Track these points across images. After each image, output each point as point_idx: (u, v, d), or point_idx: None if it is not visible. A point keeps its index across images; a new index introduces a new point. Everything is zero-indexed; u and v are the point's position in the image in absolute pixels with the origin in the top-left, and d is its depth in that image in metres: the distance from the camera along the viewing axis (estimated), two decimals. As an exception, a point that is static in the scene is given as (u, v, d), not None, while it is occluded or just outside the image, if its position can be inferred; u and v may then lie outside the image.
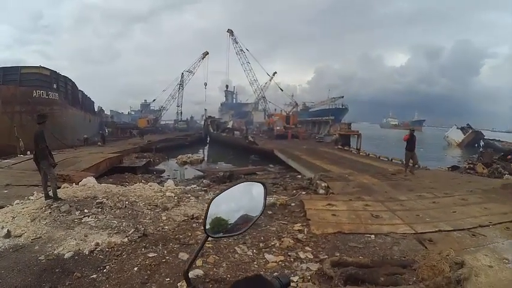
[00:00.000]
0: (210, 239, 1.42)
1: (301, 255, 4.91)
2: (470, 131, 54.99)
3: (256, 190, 1.56)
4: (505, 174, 16.37)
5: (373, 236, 5.79)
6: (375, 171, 14.18)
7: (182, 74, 75.90)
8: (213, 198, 1.42)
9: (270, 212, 7.10)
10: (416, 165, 14.41)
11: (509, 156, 24.35)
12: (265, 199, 1.54)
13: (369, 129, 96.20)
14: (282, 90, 72.62)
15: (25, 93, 25.18)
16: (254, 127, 66.50)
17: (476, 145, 50.79)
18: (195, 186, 11.83)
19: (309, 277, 4.28)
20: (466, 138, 54.59)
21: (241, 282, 1.25)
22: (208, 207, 1.40)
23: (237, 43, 69.84)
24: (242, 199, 1.52)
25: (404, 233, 6.05)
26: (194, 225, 6.47)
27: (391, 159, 19.05)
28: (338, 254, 4.89)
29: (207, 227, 1.39)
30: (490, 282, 4.50)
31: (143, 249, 5.13)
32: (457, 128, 58.60)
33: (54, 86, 29.53)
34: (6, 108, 24.04)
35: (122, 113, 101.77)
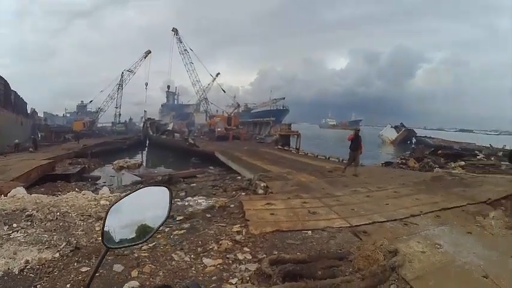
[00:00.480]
0: (111, 250, 1.33)
1: (240, 256, 4.88)
2: (403, 129, 58.90)
3: (160, 194, 1.50)
4: (435, 168, 17.60)
5: (310, 231, 5.90)
6: (312, 170, 14.49)
7: (122, 73, 71.93)
8: (110, 206, 1.33)
9: (208, 215, 6.99)
10: (358, 166, 14.18)
11: (440, 151, 26.14)
12: (170, 203, 1.49)
13: (309, 129, 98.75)
14: (225, 92, 71.40)
15: None
16: (195, 129, 65.28)
17: (408, 142, 54.11)
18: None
19: (248, 278, 4.25)
20: (399, 136, 58.29)
21: None
22: (106, 216, 1.30)
23: (181, 42, 67.92)
24: (145, 205, 1.44)
25: (340, 227, 6.23)
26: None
27: (328, 158, 19.78)
28: (276, 252, 4.91)
29: (106, 237, 1.30)
30: (424, 267, 4.78)
31: (76, 264, 4.80)
32: (391, 127, 62.46)
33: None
34: None
35: (57, 115, 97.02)
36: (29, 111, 52.83)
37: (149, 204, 1.45)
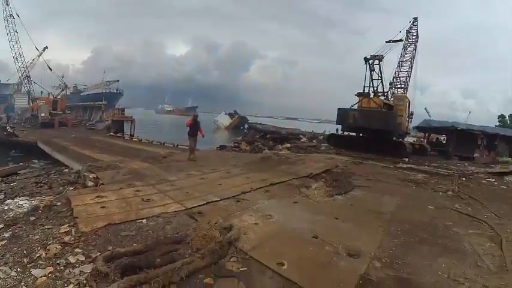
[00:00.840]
0: None
1: (72, 259, 4.45)
2: (237, 116, 63.15)
3: None
4: (264, 149, 19.10)
5: (145, 220, 5.78)
6: (147, 156, 14.17)
7: None
8: None
9: (32, 218, 6.07)
10: (194, 150, 14.02)
11: (268, 136, 28.59)
12: None
13: (145, 114, 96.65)
14: (51, 70, 57.80)
15: None
16: (16, 114, 56.77)
17: (241, 128, 58.05)
18: None
19: (85, 281, 3.94)
20: (233, 122, 62.17)
21: None
22: None
23: (8, 5, 52.46)
24: None
25: (176, 211, 6.30)
26: None
27: (164, 143, 19.67)
28: (111, 248, 4.66)
29: None
30: (258, 237, 5.20)
31: None
32: (226, 114, 65.85)
33: None
34: None
35: None
36: None
37: None
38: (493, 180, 13.93)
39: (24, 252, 4.70)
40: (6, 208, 6.88)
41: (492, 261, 5.25)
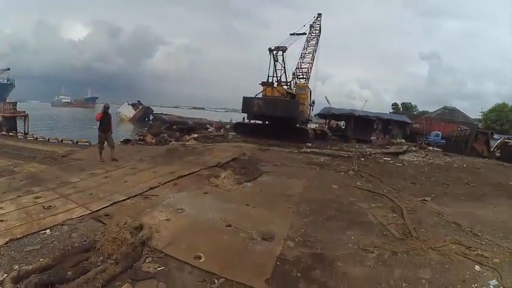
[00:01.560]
0: None
1: (-28, 287, 4.06)
2: (141, 106, 60.53)
3: None
4: (171, 141, 18.83)
5: (48, 230, 5.36)
6: (44, 156, 13.10)
7: None
8: None
9: None
10: (114, 148, 12.43)
11: (175, 126, 28.20)
12: None
13: (40, 108, 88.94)
14: None
15: None
16: None
17: (146, 119, 55.68)
18: None
19: None
20: (137, 114, 59.74)
21: None
22: None
23: None
24: None
25: (81, 216, 5.94)
26: None
27: (62, 141, 18.29)
28: (17, 267, 4.28)
29: None
30: (171, 233, 5.20)
31: None
32: (129, 104, 62.87)
33: None
34: None
35: None
36: None
37: None
38: (389, 159, 15.38)
39: None
40: None
41: (396, 229, 5.89)
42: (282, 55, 25.40)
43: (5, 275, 4.11)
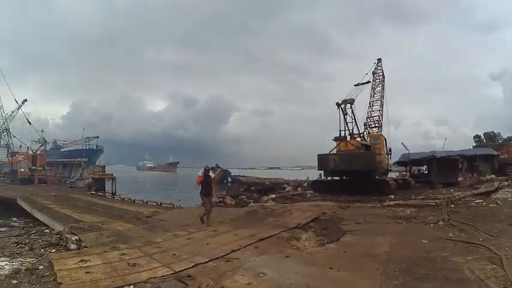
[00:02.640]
0: None
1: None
2: (219, 169, 61.99)
3: None
4: (249, 203, 18.80)
5: (132, 286, 5.44)
6: (130, 216, 13.75)
7: None
8: None
9: (14, 282, 5.76)
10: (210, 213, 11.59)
11: (253, 188, 28.42)
12: None
13: (126, 171, 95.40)
14: (30, 124, 56.82)
15: None
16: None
17: (225, 181, 56.65)
18: None
19: None
20: (216, 176, 61.09)
21: None
22: None
23: None
24: None
25: (164, 275, 5.95)
26: None
27: (147, 202, 19.19)
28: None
29: None
30: None
31: None
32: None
33: None
34: None
35: None
36: None
37: None
38: (481, 200, 13.97)
39: None
40: (-14, 269, 6.49)
41: (497, 283, 5.19)
42: (351, 107, 25.14)
43: None
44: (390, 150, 28.65)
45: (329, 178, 25.38)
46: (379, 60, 32.26)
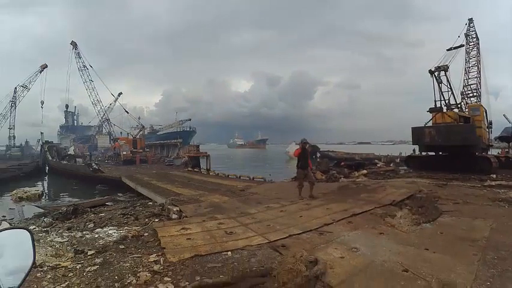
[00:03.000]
0: None
1: (161, 287, 4.65)
2: (308, 145, 60.99)
3: (19, 238, 1.32)
4: (340, 178, 18.61)
5: (229, 252, 5.80)
6: (225, 190, 14.37)
7: (15, 88, 65.03)
8: None
9: (122, 247, 6.50)
10: (314, 185, 11.86)
11: (342, 163, 27.96)
12: (33, 246, 1.32)
13: (217, 149, 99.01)
14: (128, 113, 65.40)
15: None
16: (99, 153, 62.02)
17: (314, 157, 55.80)
18: (34, 227, 10.00)
19: None
20: (304, 151, 60.75)
21: None
22: None
23: (80, 58, 61.78)
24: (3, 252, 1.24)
25: (259, 244, 6.22)
26: (39, 274, 5.65)
27: (239, 176, 19.81)
28: (198, 278, 4.73)
29: None
30: (346, 271, 4.95)
31: None
32: (296, 144, 64.61)
33: None
34: None
35: None
36: None
37: (9, 249, 1.26)
38: None
39: (116, 277, 4.98)
40: (96, 236, 7.36)
41: None
42: (445, 75, 23.08)
43: (187, 283, 4.60)
44: (491, 123, 25.95)
45: (424, 153, 23.85)
46: (471, 20, 29.30)
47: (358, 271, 5.03)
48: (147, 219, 9.77)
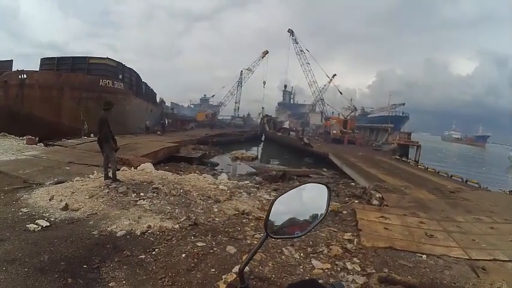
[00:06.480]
0: (270, 238, 1.39)
1: (349, 266, 4.74)
2: None
3: (319, 192, 1.51)
4: None
5: (424, 256, 5.47)
6: (432, 187, 13.20)
7: (241, 72, 77.81)
8: (276, 198, 1.39)
9: None
10: None
11: None
12: (328, 202, 1.49)
13: (430, 141, 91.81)
14: (341, 94, 69.03)
15: (92, 81, 26.55)
16: (310, 129, 65.76)
17: None
18: (247, 182, 11.65)
19: None
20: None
21: (296, 285, 1.22)
22: (271, 206, 1.36)
23: (297, 43, 69.31)
24: (305, 201, 1.47)
25: (458, 258, 5.60)
26: (244, 220, 6.52)
27: (451, 176, 17.92)
28: (386, 270, 4.67)
29: (268, 226, 1.36)
30: None
31: (193, 238, 5.29)
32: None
33: (120, 76, 30.80)
34: (73, 93, 25.49)
35: (182, 105, 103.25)
36: (158, 101, 56.16)
37: (310, 201, 1.48)
38: None
39: (310, 243, 5.44)
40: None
41: None
42: None
43: (374, 271, 4.60)
44: None
45: None
46: None
47: None
48: (347, 198, 10.00)
